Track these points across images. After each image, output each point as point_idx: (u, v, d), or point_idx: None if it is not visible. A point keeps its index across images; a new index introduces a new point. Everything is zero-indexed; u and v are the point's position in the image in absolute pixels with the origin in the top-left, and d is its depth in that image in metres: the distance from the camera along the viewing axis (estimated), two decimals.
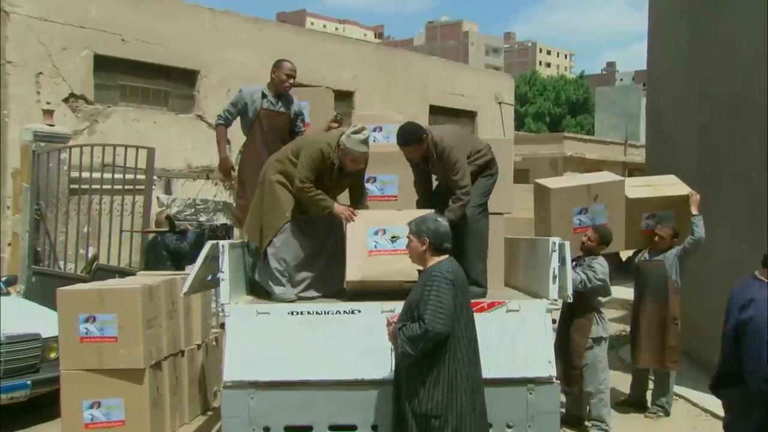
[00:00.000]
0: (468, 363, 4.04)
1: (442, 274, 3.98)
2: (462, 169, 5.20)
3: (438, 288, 3.91)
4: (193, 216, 13.77)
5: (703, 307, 8.52)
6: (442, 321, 3.85)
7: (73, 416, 5.74)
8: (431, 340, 3.87)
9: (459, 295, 3.98)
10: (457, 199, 5.20)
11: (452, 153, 5.20)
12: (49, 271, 9.10)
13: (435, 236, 4.12)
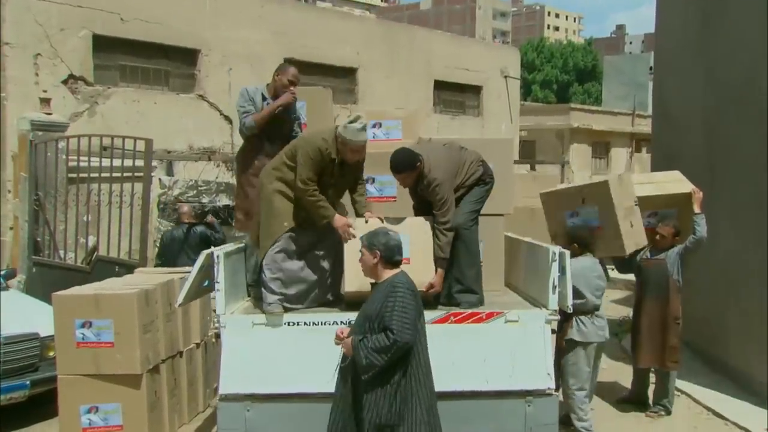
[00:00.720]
0: (425, 373, 4.11)
1: (404, 284, 4.04)
2: (446, 205, 5.16)
3: (403, 299, 3.97)
4: (195, 197, 13.68)
5: (705, 300, 8.45)
6: (409, 331, 3.91)
7: (71, 420, 5.73)
8: (400, 350, 3.92)
9: (418, 307, 4.07)
10: (441, 234, 5.16)
11: (439, 189, 5.14)
12: (49, 261, 9.07)
13: (386, 249, 4.15)
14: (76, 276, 8.76)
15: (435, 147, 5.49)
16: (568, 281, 5.03)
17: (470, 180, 5.38)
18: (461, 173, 5.34)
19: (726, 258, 8.05)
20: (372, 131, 6.77)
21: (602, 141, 32.48)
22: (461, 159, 5.40)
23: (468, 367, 4.89)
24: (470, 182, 5.39)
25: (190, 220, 9.16)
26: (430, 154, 5.26)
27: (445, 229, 5.13)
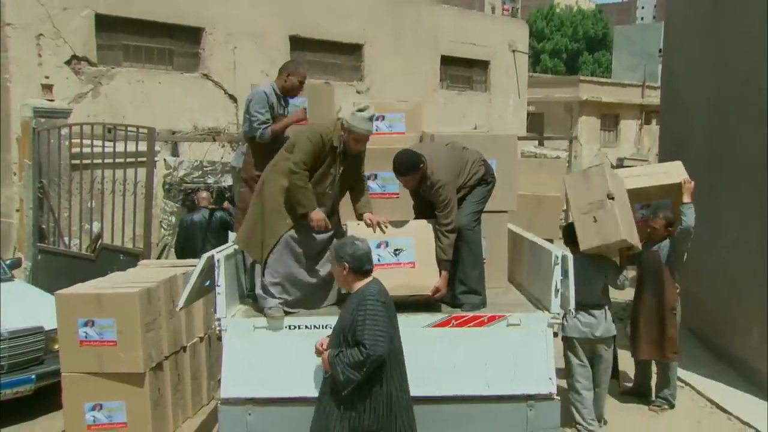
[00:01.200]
0: (401, 381, 4.13)
1: (373, 296, 4.00)
2: (448, 206, 5.09)
3: (373, 311, 3.95)
4: (200, 178, 13.66)
5: (710, 289, 8.42)
6: (381, 344, 3.91)
7: (76, 418, 5.79)
8: (374, 363, 3.92)
9: (390, 317, 4.04)
10: (443, 236, 5.09)
11: (442, 190, 5.07)
12: (55, 249, 9.09)
13: (353, 260, 4.12)
14: (82, 264, 8.82)
15: (437, 147, 5.42)
16: (570, 284, 4.99)
17: (472, 180, 5.32)
18: (463, 173, 5.28)
19: (730, 249, 8.00)
20: (375, 124, 6.67)
21: (611, 113, 32.18)
22: (463, 159, 5.34)
23: (469, 371, 4.86)
24: (472, 182, 5.33)
25: (209, 205, 9.21)
26: (432, 154, 5.19)
27: (448, 231, 5.08)
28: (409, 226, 5.24)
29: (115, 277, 6.48)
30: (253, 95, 5.59)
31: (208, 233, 9.01)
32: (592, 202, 6.11)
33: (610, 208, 5.98)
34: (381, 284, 4.15)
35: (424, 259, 5.11)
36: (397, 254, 5.12)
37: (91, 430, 5.78)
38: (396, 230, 5.18)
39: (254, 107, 5.54)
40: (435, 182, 5.07)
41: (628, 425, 6.45)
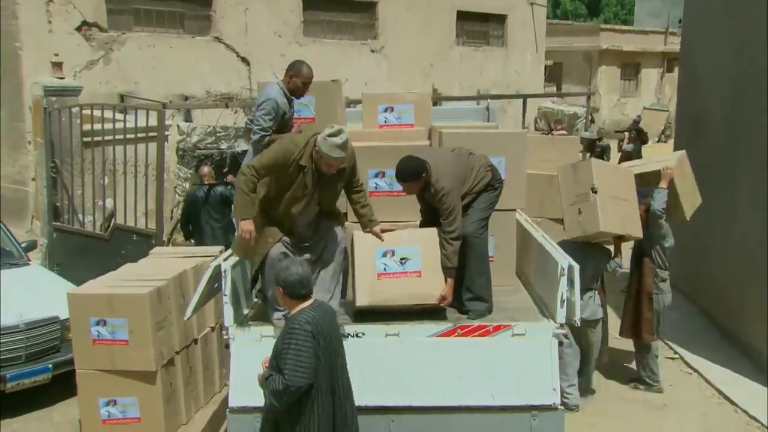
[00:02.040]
0: (336, 407, 4.11)
1: (300, 326, 3.96)
2: (452, 214, 5.04)
3: (296, 342, 3.91)
4: (213, 144, 13.63)
5: (724, 272, 8.36)
6: (301, 375, 3.89)
7: (91, 412, 5.93)
8: (293, 394, 3.93)
9: (320, 345, 3.97)
10: (447, 244, 5.06)
11: (446, 198, 5.02)
12: (70, 228, 9.19)
13: (285, 285, 4.08)
14: (96, 243, 8.92)
15: (443, 153, 5.35)
16: (576, 294, 4.98)
17: (478, 186, 5.27)
18: (469, 180, 5.23)
19: (744, 232, 7.90)
20: (384, 116, 6.68)
21: (632, 62, 31.59)
22: (469, 165, 5.28)
23: (474, 381, 4.91)
24: (478, 188, 5.28)
25: (210, 180, 9.29)
26: (438, 161, 5.14)
27: (452, 239, 5.06)
28: (416, 235, 5.23)
29: (127, 271, 6.53)
30: (263, 100, 5.51)
31: (209, 208, 9.08)
32: (578, 195, 6.43)
33: (593, 201, 6.23)
34: (318, 310, 4.10)
35: (430, 268, 5.11)
36: (403, 263, 5.11)
37: (106, 425, 5.93)
38: (402, 239, 5.17)
39: (260, 113, 5.49)
40: (439, 190, 5.03)
41: (636, 417, 6.50)
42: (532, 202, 7.92)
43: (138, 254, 8.46)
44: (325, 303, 4.30)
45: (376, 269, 5.07)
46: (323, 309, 4.15)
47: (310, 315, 4.01)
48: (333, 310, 4.33)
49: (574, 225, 6.44)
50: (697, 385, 7.20)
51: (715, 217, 8.65)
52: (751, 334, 7.63)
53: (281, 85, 5.64)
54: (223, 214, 8.93)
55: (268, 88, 5.61)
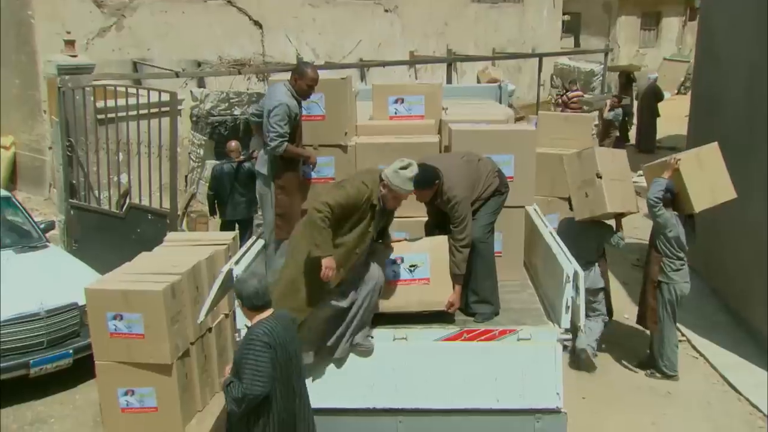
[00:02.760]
0: (286, 417, 4.26)
1: (258, 337, 4.10)
2: (464, 222, 5.10)
3: (254, 352, 4.06)
4: (227, 110, 13.65)
5: (735, 255, 8.37)
6: (259, 384, 4.04)
7: (110, 402, 6.15)
8: (251, 401, 4.09)
9: (277, 355, 4.11)
10: (457, 251, 5.13)
11: (458, 207, 5.08)
12: (86, 206, 9.32)
13: (243, 297, 4.24)
14: (112, 221, 9.07)
15: (453, 160, 5.36)
16: (581, 300, 5.06)
17: (486, 192, 5.32)
18: (478, 187, 5.28)
19: (757, 219, 7.87)
20: (394, 107, 6.68)
21: (653, 11, 30.81)
22: (479, 172, 5.31)
23: (479, 384, 5.03)
24: (486, 195, 5.33)
25: (238, 157, 9.46)
26: (449, 169, 5.17)
27: (462, 246, 5.13)
28: (424, 243, 5.30)
29: (143, 261, 6.64)
30: (274, 106, 5.50)
31: (237, 183, 9.31)
32: (584, 180, 7.03)
33: (598, 185, 6.85)
34: (277, 321, 4.21)
35: (438, 275, 5.19)
36: (412, 270, 5.20)
37: (125, 413, 6.14)
38: (411, 246, 5.25)
39: (274, 119, 5.46)
40: (451, 198, 5.08)
41: (641, 405, 6.64)
42: (543, 182, 7.99)
43: (153, 233, 8.66)
44: (284, 314, 4.39)
45: (386, 276, 5.15)
46: (282, 320, 4.29)
47: (268, 326, 4.15)
48: (292, 322, 4.42)
49: (582, 207, 7.07)
50: (703, 371, 7.32)
51: None
52: (757, 318, 7.70)
53: (288, 86, 5.63)
54: (248, 189, 9.07)
55: (277, 91, 5.59)
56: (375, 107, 6.73)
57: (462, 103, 7.89)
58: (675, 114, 18.24)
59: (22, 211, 8.32)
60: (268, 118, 5.50)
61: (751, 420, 6.47)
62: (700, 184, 6.87)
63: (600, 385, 6.93)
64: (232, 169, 9.35)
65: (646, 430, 6.25)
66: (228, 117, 13.63)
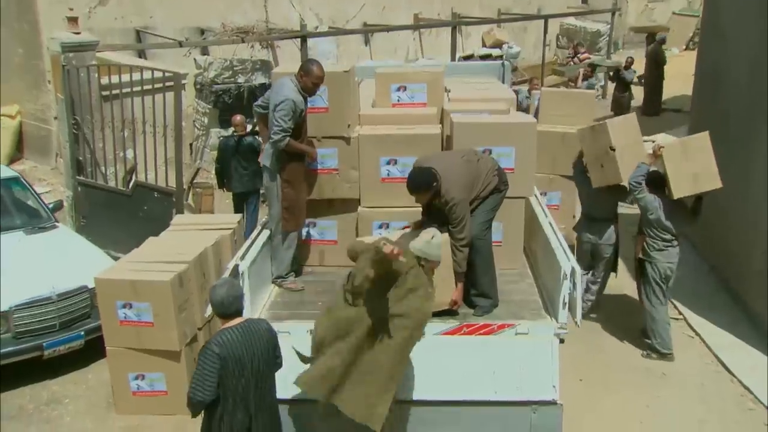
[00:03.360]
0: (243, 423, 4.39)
1: (210, 346, 4.28)
2: (462, 222, 5.19)
3: (203, 360, 4.26)
4: (231, 78, 13.66)
5: (735, 234, 8.45)
6: (199, 392, 4.23)
7: (122, 386, 6.37)
8: (195, 406, 4.33)
9: (228, 366, 4.24)
10: (458, 251, 5.25)
11: (456, 208, 5.15)
12: (93, 183, 9.43)
13: (212, 303, 4.42)
14: (118, 198, 9.21)
15: (452, 160, 5.42)
16: (578, 296, 5.20)
17: (485, 191, 5.41)
18: (477, 186, 5.35)
19: (758, 198, 7.92)
20: (397, 94, 6.75)
21: None
22: (478, 171, 5.38)
23: (478, 377, 5.19)
24: (485, 193, 5.41)
25: (242, 131, 9.64)
26: (448, 170, 5.22)
27: (462, 246, 5.24)
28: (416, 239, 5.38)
29: (151, 247, 6.78)
30: (280, 101, 5.55)
31: (239, 157, 9.51)
32: (598, 153, 7.34)
33: (612, 157, 7.17)
34: (240, 332, 4.32)
35: (440, 278, 5.31)
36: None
37: (136, 396, 6.37)
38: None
39: (279, 113, 5.53)
40: (450, 200, 5.17)
41: (636, 386, 6.81)
42: (544, 160, 8.08)
43: (159, 210, 8.81)
44: (257, 325, 4.45)
45: None
46: (247, 332, 4.35)
47: (225, 337, 4.29)
48: (263, 335, 4.43)
49: (598, 177, 7.46)
50: (698, 351, 7.47)
51: (730, 176, 8.65)
52: (755, 299, 7.82)
53: (294, 81, 5.68)
54: (250, 162, 9.35)
55: (284, 87, 5.63)
56: (377, 94, 6.79)
57: (464, 83, 7.95)
58: (682, 71, 18.09)
59: (31, 191, 8.42)
60: (274, 112, 5.58)
61: (741, 401, 6.64)
62: (682, 173, 6.99)
63: (597, 366, 7.09)
64: (234, 142, 9.58)
65: (641, 412, 6.43)
66: (232, 85, 13.68)
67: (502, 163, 5.99)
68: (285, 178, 5.84)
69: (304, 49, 12.67)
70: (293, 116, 5.57)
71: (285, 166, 5.83)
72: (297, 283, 6.10)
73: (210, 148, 13.69)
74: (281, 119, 5.55)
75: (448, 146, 6.26)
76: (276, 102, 5.60)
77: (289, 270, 6.09)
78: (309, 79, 5.63)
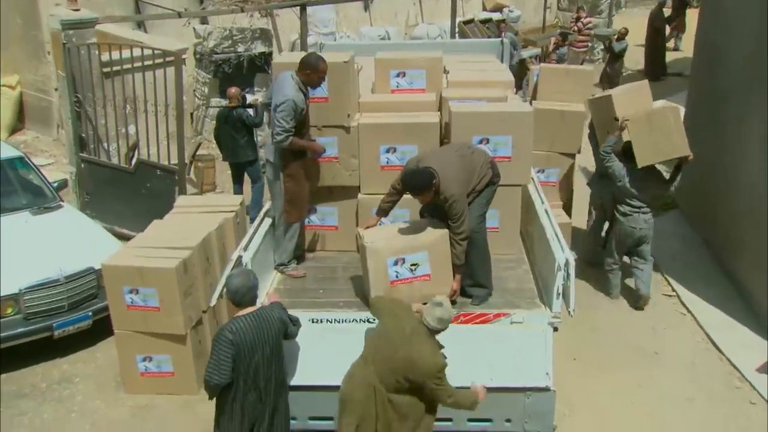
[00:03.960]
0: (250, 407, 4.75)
1: (224, 332, 4.60)
2: (461, 217, 5.33)
3: (217, 346, 4.59)
4: (230, 48, 13.66)
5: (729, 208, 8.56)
6: (216, 375, 4.58)
7: (130, 367, 6.59)
8: (211, 389, 4.68)
9: (241, 352, 4.59)
10: (457, 244, 5.42)
11: (455, 204, 5.29)
12: (96, 160, 9.54)
13: (228, 290, 4.76)
14: (121, 175, 9.33)
15: (448, 156, 5.52)
16: (571, 287, 5.36)
17: (480, 185, 5.53)
18: (473, 180, 5.48)
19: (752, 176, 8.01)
20: (396, 80, 6.84)
21: None
22: (472, 165, 5.50)
23: (475, 364, 5.36)
24: (480, 187, 5.54)
25: (233, 103, 9.83)
26: (444, 167, 5.32)
27: (461, 239, 5.39)
28: (422, 239, 5.53)
29: (156, 232, 6.89)
30: (281, 102, 5.63)
31: (229, 127, 9.79)
32: (606, 122, 8.01)
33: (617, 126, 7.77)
34: (252, 320, 4.64)
35: (438, 269, 5.49)
36: (413, 269, 5.52)
37: (144, 377, 6.59)
38: (409, 244, 5.49)
39: (280, 114, 5.61)
40: (449, 197, 5.29)
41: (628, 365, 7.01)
42: (542, 137, 8.16)
43: (162, 188, 8.97)
44: (269, 313, 4.77)
45: (389, 277, 5.46)
46: (258, 319, 4.68)
47: (238, 324, 4.61)
48: (274, 323, 4.74)
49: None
50: (690, 328, 7.67)
51: (726, 151, 8.77)
52: (747, 275, 7.99)
53: (296, 78, 5.75)
54: (240, 133, 9.72)
55: (285, 85, 5.67)
56: (377, 80, 6.86)
57: (463, 62, 8.02)
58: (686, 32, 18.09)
59: (35, 171, 8.53)
60: (275, 112, 5.66)
61: (729, 380, 6.85)
62: (647, 143, 7.52)
63: (590, 345, 7.29)
64: (225, 114, 9.85)
65: (633, 392, 6.64)
66: (232, 54, 13.70)
67: (499, 151, 6.15)
68: (287, 172, 5.96)
69: (304, 17, 12.56)
70: (294, 115, 5.65)
71: (288, 162, 5.94)
72: (299, 270, 6.26)
73: (210, 118, 13.76)
74: (283, 120, 5.64)
75: (446, 134, 6.37)
76: (277, 102, 5.68)
77: (291, 257, 6.25)
78: (316, 75, 5.72)
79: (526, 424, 5.49)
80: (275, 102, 5.68)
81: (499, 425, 5.48)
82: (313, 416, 5.53)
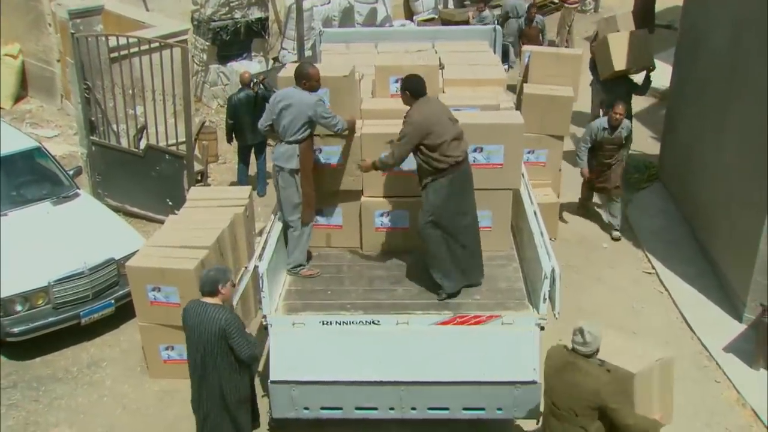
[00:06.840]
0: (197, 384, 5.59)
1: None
2: (400, 141, 6.11)
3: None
4: (227, 14, 13.85)
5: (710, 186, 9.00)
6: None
7: (154, 355, 7.22)
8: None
9: (187, 333, 5.46)
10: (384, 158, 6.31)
11: (405, 126, 6.07)
12: (107, 144, 9.94)
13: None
14: (131, 158, 9.77)
15: (437, 104, 6.30)
16: (557, 290, 5.95)
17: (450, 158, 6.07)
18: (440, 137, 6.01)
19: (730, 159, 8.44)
20: (395, 86, 7.26)
21: None
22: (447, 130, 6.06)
23: (469, 361, 6.00)
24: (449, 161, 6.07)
25: (252, 86, 10.42)
26: (428, 101, 6.14)
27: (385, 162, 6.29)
28: None
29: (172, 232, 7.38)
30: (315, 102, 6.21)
31: (256, 110, 9.90)
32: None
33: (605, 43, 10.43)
34: (197, 306, 5.39)
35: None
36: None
37: (167, 364, 7.23)
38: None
39: (323, 109, 6.24)
40: (407, 116, 6.12)
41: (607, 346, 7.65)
42: (533, 120, 8.62)
43: (171, 171, 9.43)
44: (216, 312, 5.32)
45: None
46: (204, 310, 5.34)
47: (189, 305, 5.46)
48: (214, 321, 5.28)
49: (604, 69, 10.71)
50: (666, 307, 8.28)
51: (706, 135, 9.25)
52: (720, 256, 8.57)
53: (299, 89, 6.22)
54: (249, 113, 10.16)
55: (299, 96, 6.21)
56: (377, 85, 7.31)
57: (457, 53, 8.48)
58: None
59: (52, 160, 8.95)
60: (319, 113, 6.23)
61: (698, 359, 7.49)
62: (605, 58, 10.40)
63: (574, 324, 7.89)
64: (249, 97, 10.23)
65: None
66: (229, 21, 13.91)
67: (492, 159, 6.69)
68: (306, 175, 6.49)
69: None
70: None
71: (307, 165, 6.47)
72: (313, 270, 6.80)
73: (209, 83, 14.08)
74: (328, 113, 6.28)
75: None
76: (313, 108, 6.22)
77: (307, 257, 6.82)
78: (312, 81, 6.25)
79: (515, 412, 6.17)
80: (313, 110, 6.21)
81: (491, 413, 6.15)
82: (324, 406, 6.19)
